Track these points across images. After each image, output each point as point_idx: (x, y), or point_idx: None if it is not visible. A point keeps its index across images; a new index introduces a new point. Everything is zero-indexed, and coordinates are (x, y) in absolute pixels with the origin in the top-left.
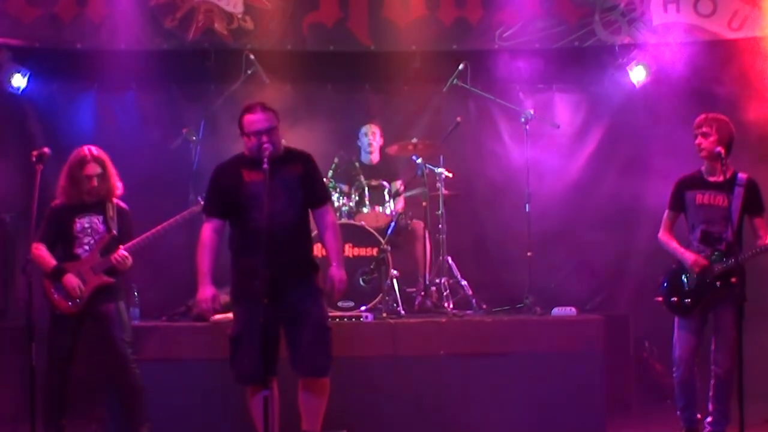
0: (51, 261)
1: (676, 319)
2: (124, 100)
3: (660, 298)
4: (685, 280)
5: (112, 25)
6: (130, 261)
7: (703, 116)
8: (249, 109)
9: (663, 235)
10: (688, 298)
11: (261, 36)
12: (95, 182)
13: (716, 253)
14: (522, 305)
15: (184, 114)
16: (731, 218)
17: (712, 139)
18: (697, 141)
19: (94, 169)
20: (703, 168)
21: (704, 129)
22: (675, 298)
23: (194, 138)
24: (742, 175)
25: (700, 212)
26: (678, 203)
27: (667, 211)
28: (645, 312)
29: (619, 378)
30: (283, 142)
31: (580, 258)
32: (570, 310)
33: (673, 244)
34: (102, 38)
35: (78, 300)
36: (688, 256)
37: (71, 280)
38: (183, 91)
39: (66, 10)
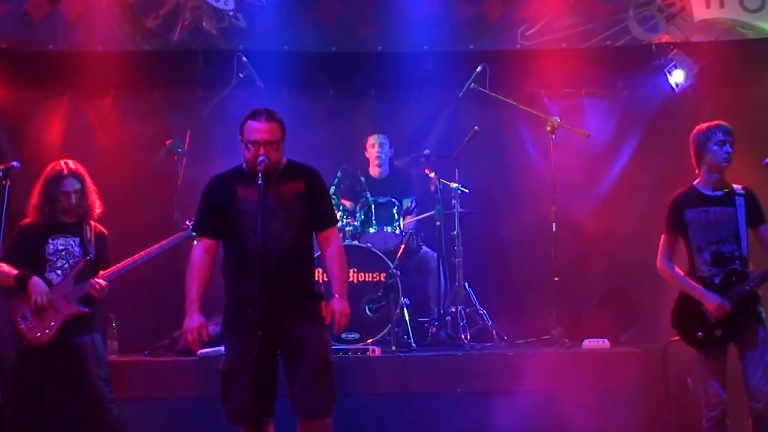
0: (12, 271)
1: (702, 356)
2: (101, 107)
3: (677, 338)
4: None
5: (88, 24)
6: (107, 290)
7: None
8: (254, 115)
9: (666, 265)
10: (718, 329)
11: (255, 35)
12: (73, 199)
13: (732, 277)
14: (549, 337)
15: (169, 123)
16: (741, 233)
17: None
18: (728, 150)
19: (72, 184)
20: (698, 182)
21: (732, 138)
22: (701, 333)
23: (179, 150)
24: (737, 186)
25: (708, 232)
26: (678, 224)
27: (664, 236)
28: (687, 345)
29: (657, 418)
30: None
31: (613, 283)
32: (603, 343)
33: (686, 280)
34: (77, 38)
35: (49, 326)
36: (710, 300)
37: (38, 285)
38: (167, 98)
39: (37, 8)
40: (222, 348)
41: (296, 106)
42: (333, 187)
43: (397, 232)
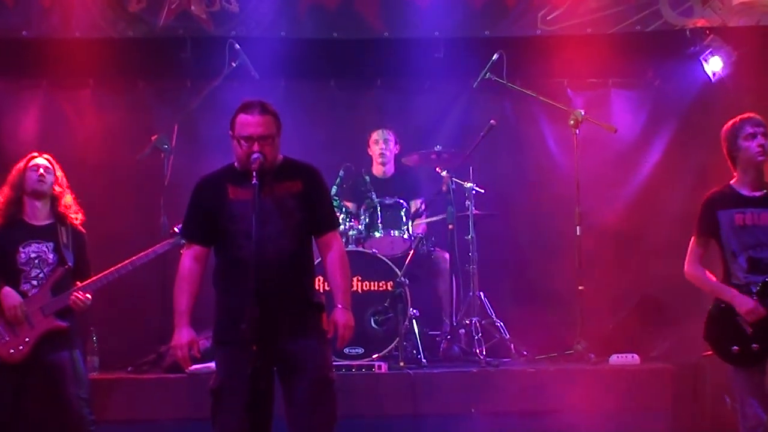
0: None
1: (739, 372)
2: (80, 99)
3: (710, 352)
4: (742, 322)
5: (66, 8)
6: (89, 302)
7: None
8: (246, 108)
9: (695, 269)
10: (754, 343)
11: (248, 20)
12: (42, 171)
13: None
14: (572, 351)
15: (154, 117)
16: None
17: None
18: (760, 142)
19: (41, 161)
20: (734, 181)
21: (765, 129)
22: (736, 347)
23: (166, 147)
24: None
25: (744, 235)
26: (710, 226)
27: (694, 238)
28: (721, 360)
29: None
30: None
31: (644, 293)
32: (632, 358)
33: (715, 283)
34: (53, 24)
35: (23, 342)
36: (742, 303)
37: (10, 297)
38: (152, 89)
39: None
40: (213, 364)
41: (294, 97)
42: (335, 187)
43: (405, 236)
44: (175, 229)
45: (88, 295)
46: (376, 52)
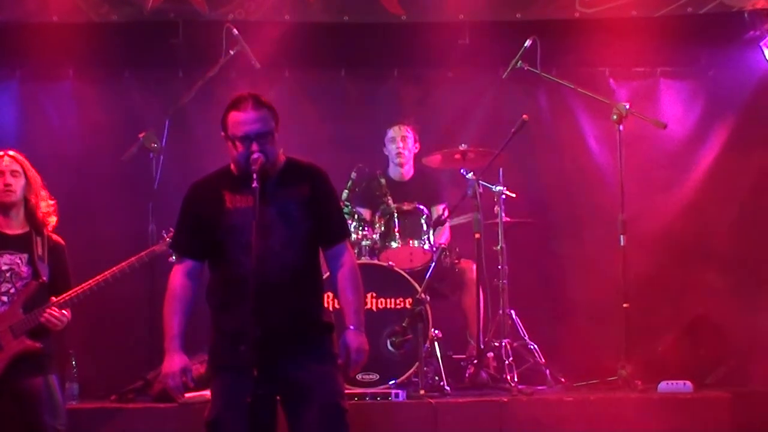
0: None
1: None
2: (59, 91)
3: None
4: None
5: None
6: (66, 319)
7: None
8: (237, 104)
9: None
10: None
11: (248, 2)
12: (8, 178)
13: None
14: (616, 378)
15: (142, 111)
16: None
17: None
18: None
19: (9, 164)
20: None
21: None
22: None
23: (155, 145)
24: None
25: None
26: None
27: None
28: None
29: None
30: (281, 151)
31: (696, 311)
32: (684, 385)
33: None
34: (27, 7)
35: None
36: None
37: None
38: (140, 80)
39: None
40: (208, 392)
41: (300, 89)
42: (346, 191)
43: (426, 247)
44: (164, 233)
45: (65, 312)
46: (393, 37)
